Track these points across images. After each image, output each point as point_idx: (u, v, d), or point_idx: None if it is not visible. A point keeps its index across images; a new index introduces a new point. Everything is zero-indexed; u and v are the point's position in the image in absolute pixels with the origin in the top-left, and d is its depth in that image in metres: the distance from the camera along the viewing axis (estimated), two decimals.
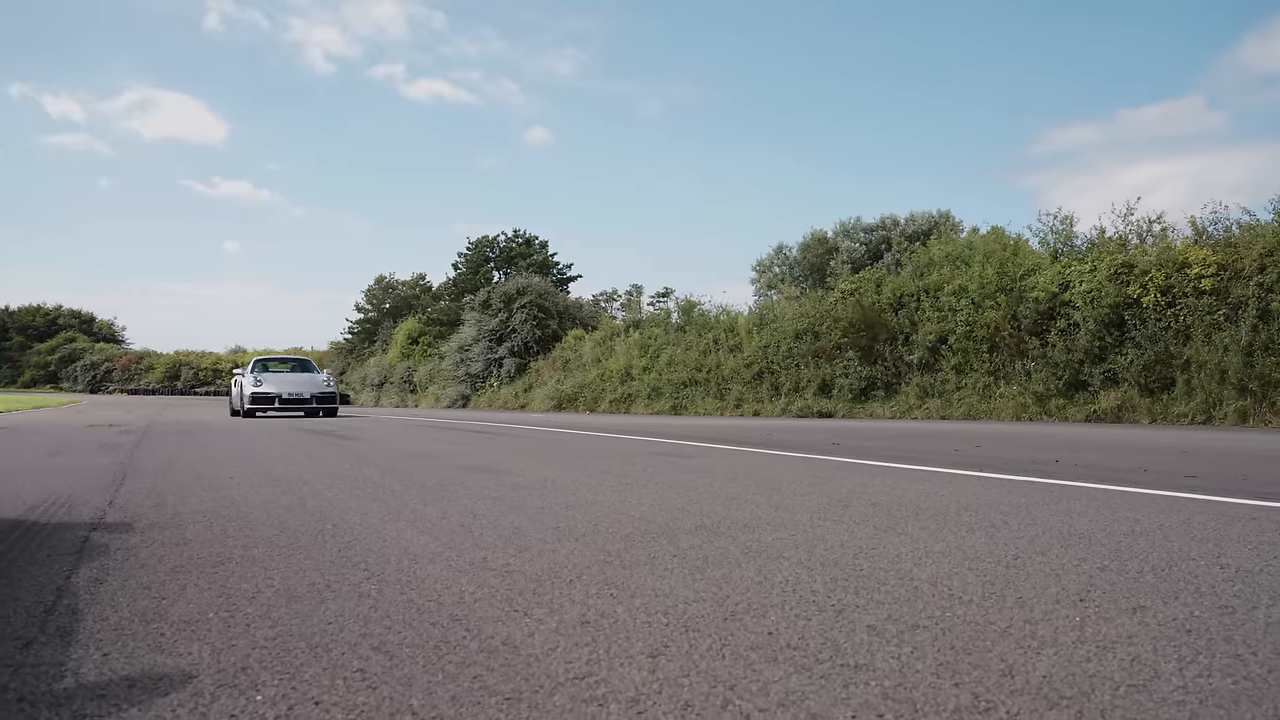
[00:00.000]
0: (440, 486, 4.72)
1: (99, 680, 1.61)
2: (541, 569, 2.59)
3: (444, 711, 1.45)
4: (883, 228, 40.91)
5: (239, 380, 20.34)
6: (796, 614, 2.06)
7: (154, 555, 2.82)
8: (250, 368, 21.28)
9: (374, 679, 1.61)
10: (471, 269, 49.72)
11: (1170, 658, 1.71)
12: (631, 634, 1.90)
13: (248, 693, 1.54)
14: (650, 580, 2.43)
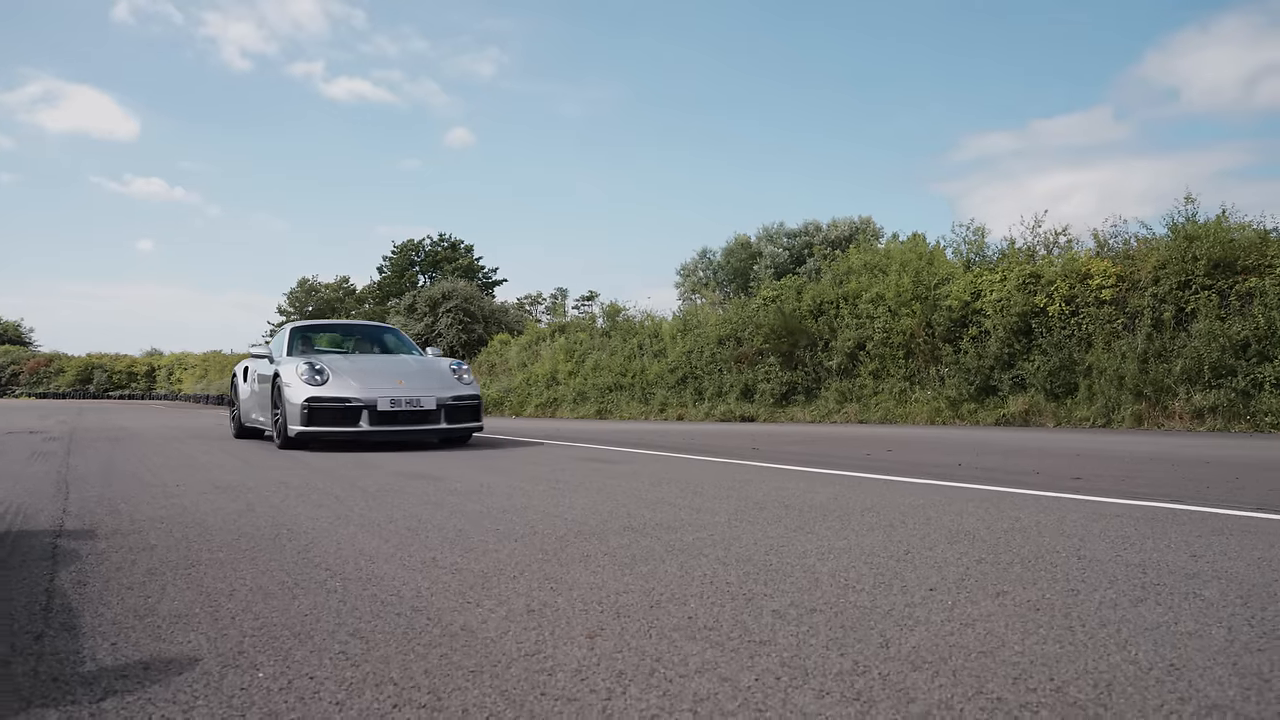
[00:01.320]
0: (382, 492, 4.97)
1: (116, 664, 1.88)
2: (487, 566, 2.89)
3: (420, 682, 1.75)
4: (805, 233, 41.74)
5: (262, 376, 9.88)
6: (713, 601, 2.39)
7: (125, 559, 3.05)
8: (283, 345, 10.11)
9: (356, 658, 1.90)
10: (397, 273, 49.43)
11: (1017, 631, 2.08)
12: (571, 620, 2.21)
13: (249, 671, 1.82)
14: (584, 575, 2.75)
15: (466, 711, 1.58)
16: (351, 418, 8.26)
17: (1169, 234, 14.89)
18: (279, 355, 9.83)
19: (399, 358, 10.08)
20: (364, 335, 11.61)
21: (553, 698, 1.66)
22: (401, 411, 8.36)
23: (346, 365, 9.02)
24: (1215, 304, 12.91)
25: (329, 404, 8.27)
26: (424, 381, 8.88)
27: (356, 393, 8.34)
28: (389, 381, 8.69)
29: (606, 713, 1.58)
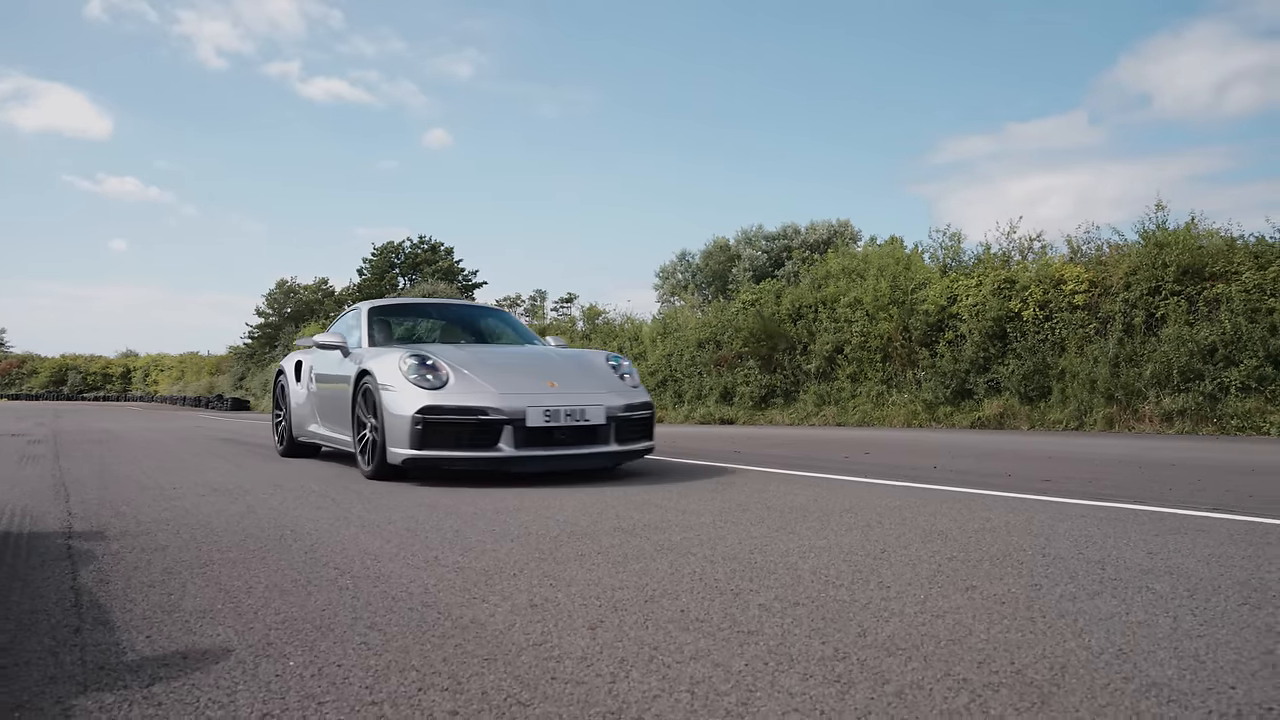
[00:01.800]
0: (379, 494, 5.11)
1: (155, 655, 2.03)
2: (488, 565, 3.05)
3: (440, 669, 1.91)
4: (784, 236, 41.96)
5: (330, 376, 7.28)
6: (703, 596, 2.57)
7: (141, 559, 3.20)
8: (361, 332, 7.29)
9: (377, 648, 2.06)
10: (376, 275, 49.42)
11: (983, 621, 2.26)
12: (572, 613, 2.38)
13: (280, 660, 1.98)
14: (580, 573, 2.92)
15: (486, 694, 1.75)
16: (487, 437, 5.40)
17: (1140, 241, 15.20)
18: (357, 344, 7.06)
19: (536, 349, 7.07)
20: (459, 319, 8.30)
21: (562, 681, 1.83)
22: (560, 428, 5.56)
23: (469, 359, 6.07)
24: (1184, 310, 13.21)
25: (455, 417, 5.40)
26: (582, 383, 6.04)
27: (494, 400, 5.48)
28: (534, 382, 5.83)
29: (613, 693, 1.75)
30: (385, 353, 6.07)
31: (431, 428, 5.42)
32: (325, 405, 7.30)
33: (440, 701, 1.71)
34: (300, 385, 7.98)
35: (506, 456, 5.42)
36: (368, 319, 7.33)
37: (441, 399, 5.48)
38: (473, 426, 5.42)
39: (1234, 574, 2.81)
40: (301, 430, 7.88)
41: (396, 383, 5.67)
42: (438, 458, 5.44)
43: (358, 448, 6.20)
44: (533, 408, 5.47)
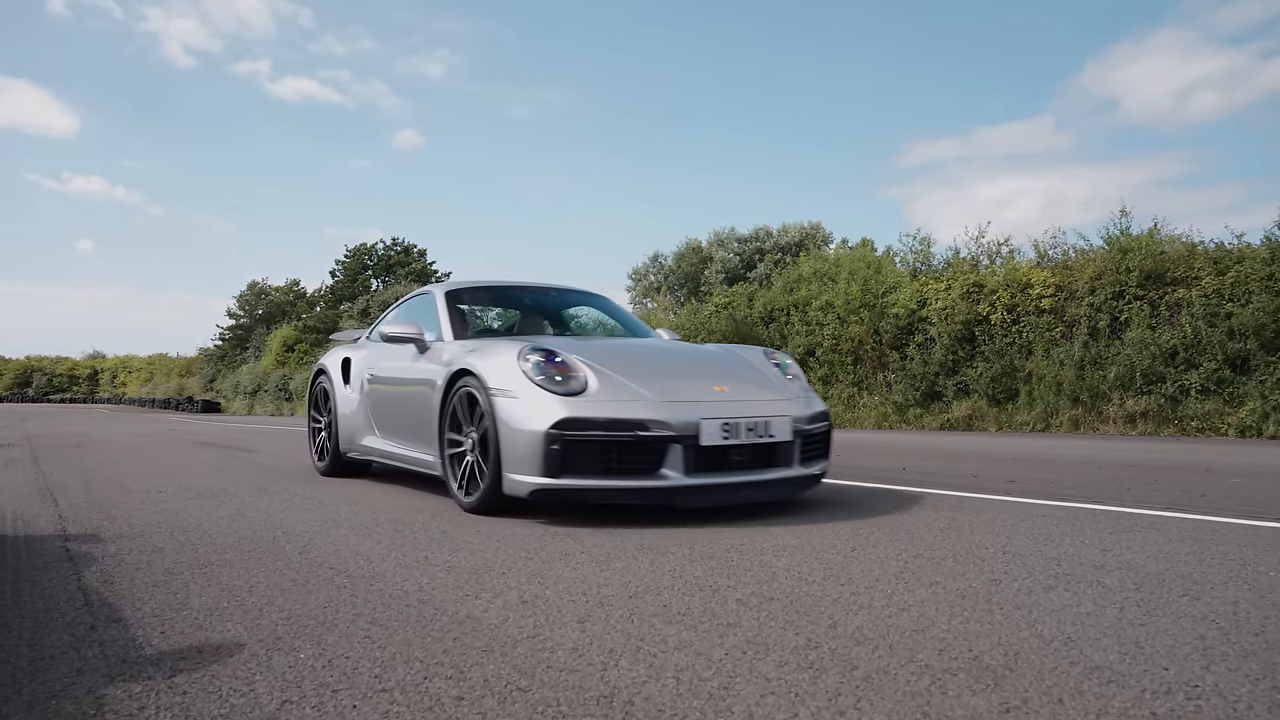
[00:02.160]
0: (363, 497, 5.24)
1: (172, 649, 2.16)
2: (477, 564, 3.19)
3: (442, 659, 2.06)
4: (756, 239, 42.19)
5: (402, 379, 5.61)
6: (683, 592, 2.73)
7: (140, 561, 3.31)
8: (441, 321, 5.64)
9: (380, 642, 2.20)
10: (349, 277, 49.31)
11: (945, 613, 2.44)
12: (562, 608, 2.53)
13: (291, 653, 2.12)
14: (566, 571, 3.07)
15: (487, 681, 1.90)
16: (647, 460, 4.05)
17: (1104, 246, 15.53)
18: (437, 335, 5.54)
19: (682, 344, 5.66)
20: (554, 307, 6.70)
21: (557, 669, 1.98)
22: (741, 446, 4.22)
23: (607, 356, 4.65)
24: (1147, 314, 13.53)
25: (605, 433, 4.03)
26: (755, 388, 4.70)
27: (655, 409, 4.10)
28: (699, 386, 4.48)
29: (605, 680, 1.90)
30: (491, 347, 4.65)
31: (572, 448, 4.00)
32: (389, 414, 5.76)
33: (445, 688, 1.85)
34: (349, 388, 6.37)
35: (674, 487, 4.01)
36: (446, 305, 5.71)
37: (585, 409, 4.06)
38: (628, 446, 4.01)
39: (1178, 568, 3.00)
40: (352, 444, 6.28)
41: (517, 387, 4.22)
42: (579, 488, 4.03)
43: (450, 471, 4.73)
44: (708, 420, 4.08)
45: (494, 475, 4.27)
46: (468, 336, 5.54)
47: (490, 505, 4.37)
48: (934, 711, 1.69)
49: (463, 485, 4.60)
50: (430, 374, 5.10)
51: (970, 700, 1.75)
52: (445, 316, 5.61)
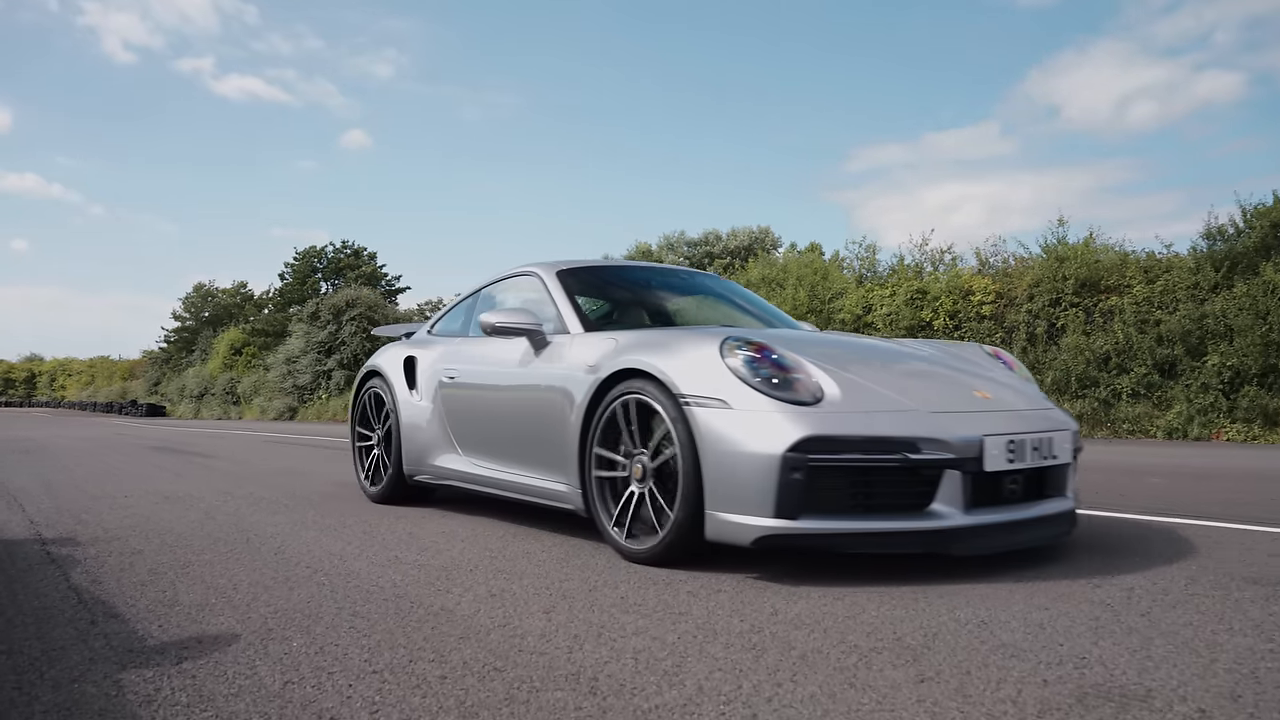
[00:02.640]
0: (328, 500, 5.41)
1: (173, 640, 2.36)
2: (445, 562, 3.41)
3: (424, 645, 2.28)
4: (706, 242, 42.47)
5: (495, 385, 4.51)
6: (638, 585, 2.97)
7: (123, 562, 3.48)
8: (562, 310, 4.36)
9: (365, 631, 2.42)
10: (299, 279, 48.95)
11: (875, 601, 2.70)
12: (528, 601, 2.77)
13: (285, 642, 2.33)
14: (529, 568, 3.30)
15: (466, 663, 2.13)
16: (915, 491, 3.05)
17: (1043, 254, 16.07)
18: (557, 327, 4.34)
19: (880, 340, 4.41)
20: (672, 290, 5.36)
21: (528, 653, 2.21)
22: (1015, 473, 3.23)
23: (817, 349, 3.58)
24: (1081, 320, 14.06)
25: (864, 457, 2.98)
26: (1014, 393, 3.71)
27: (925, 425, 3.10)
28: (955, 390, 3.52)
29: (571, 660, 2.14)
30: (670, 339, 3.56)
31: (820, 477, 2.96)
32: (484, 427, 4.61)
33: (430, 669, 2.08)
34: (416, 395, 5.15)
35: (951, 529, 3.00)
36: (563, 288, 4.52)
37: (833, 424, 3.02)
38: (892, 473, 3.02)
39: (1089, 561, 3.30)
40: (421, 465, 5.02)
41: (728, 392, 3.13)
42: (825, 533, 2.96)
43: (601, 507, 3.62)
44: (991, 437, 3.11)
45: (690, 515, 3.16)
46: (610, 326, 4.53)
47: (679, 554, 3.27)
48: (859, 682, 1.95)
49: (623, 525, 3.47)
50: (559, 376, 3.99)
51: (891, 673, 2.01)
52: (567, 302, 4.41)
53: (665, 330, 4.12)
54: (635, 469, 3.47)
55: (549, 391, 4.04)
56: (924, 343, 4.37)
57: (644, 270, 5.61)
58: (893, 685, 1.93)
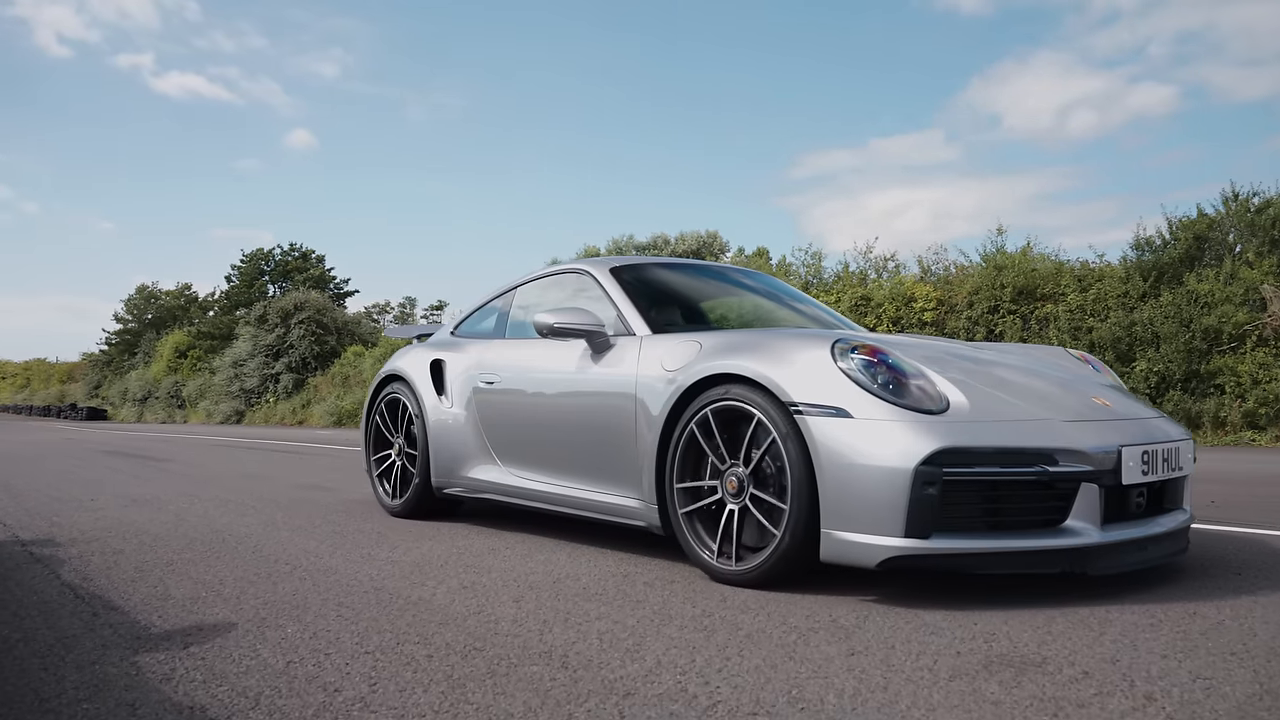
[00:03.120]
0: (294, 503, 5.60)
1: (175, 629, 2.58)
2: (416, 559, 3.65)
3: (408, 630, 2.52)
4: (654, 247, 42.68)
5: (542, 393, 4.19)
6: (599, 577, 3.23)
7: (107, 561, 3.67)
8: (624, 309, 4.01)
9: (351, 619, 2.65)
10: (246, 282, 48.49)
11: (816, 587, 2.99)
12: (498, 592, 3.02)
13: (279, 628, 2.55)
14: (496, 563, 3.55)
15: (449, 645, 2.37)
16: (1049, 506, 2.86)
17: (982, 263, 16.60)
18: (618, 329, 4.00)
19: (971, 344, 3.96)
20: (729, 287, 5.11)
21: (503, 635, 2.46)
22: (1143, 486, 3.04)
23: (925, 354, 3.30)
24: (1019, 327, 14.57)
25: (1000, 471, 2.77)
26: (1128, 400, 3.54)
27: (1061, 435, 2.90)
28: (1078, 398, 3.30)
29: (542, 641, 2.39)
30: (769, 342, 3.28)
31: (953, 492, 2.77)
32: (532, 436, 4.30)
33: (416, 650, 2.32)
34: (446, 401, 4.83)
35: (1089, 546, 2.82)
36: (619, 285, 4.21)
37: (967, 435, 2.82)
38: (1028, 488, 2.83)
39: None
40: (453, 476, 4.72)
41: (848, 401, 2.90)
42: (958, 553, 2.75)
43: (687, 525, 3.33)
44: (1128, 447, 2.95)
45: (803, 532, 2.92)
46: (682, 327, 4.20)
47: (786, 575, 3.02)
48: (798, 656, 2.23)
49: (714, 545, 3.20)
50: (626, 381, 3.71)
51: (826, 648, 2.30)
52: (628, 302, 4.08)
53: (759, 332, 3.72)
54: (729, 484, 3.20)
55: (615, 398, 3.73)
56: (1008, 346, 4.16)
57: (697, 268, 5.26)
58: (826, 658, 2.21)
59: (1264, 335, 11.82)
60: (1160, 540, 3.04)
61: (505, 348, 4.66)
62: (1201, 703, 1.85)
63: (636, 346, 3.75)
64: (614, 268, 4.34)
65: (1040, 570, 2.81)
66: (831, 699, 1.91)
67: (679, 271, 5.02)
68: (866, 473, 2.77)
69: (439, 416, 4.78)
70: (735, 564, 3.11)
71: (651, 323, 3.93)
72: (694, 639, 2.40)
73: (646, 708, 1.87)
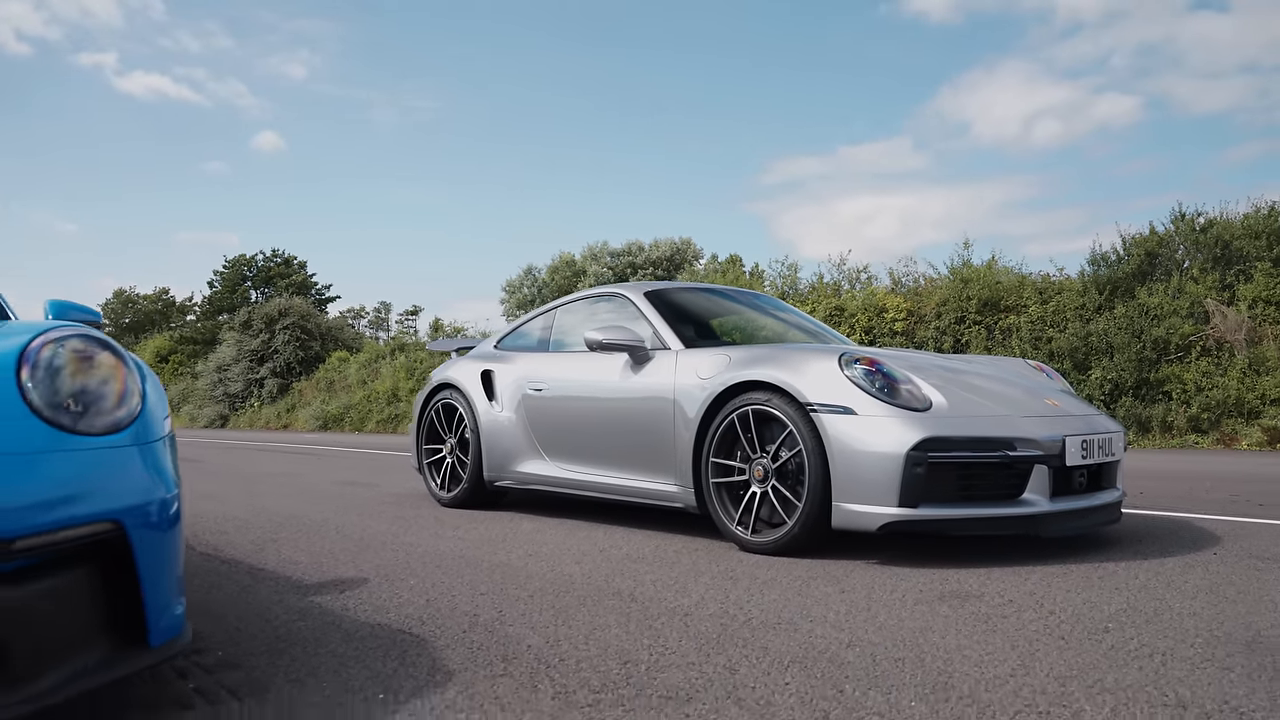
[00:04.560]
0: (344, 496, 6.34)
1: (321, 582, 3.33)
2: (478, 537, 4.41)
3: (504, 582, 3.29)
4: (629, 253, 42.83)
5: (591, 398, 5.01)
6: (637, 547, 4.02)
7: (219, 540, 4.41)
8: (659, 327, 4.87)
9: (455, 574, 3.42)
10: (228, 287, 48.92)
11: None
12: (560, 557, 3.79)
13: (403, 581, 3.32)
14: (548, 538, 4.32)
15: (541, 589, 3.15)
16: (1010, 483, 3.76)
17: (949, 275, 17.53)
18: (657, 341, 4.81)
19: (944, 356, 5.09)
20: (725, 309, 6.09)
21: (578, 583, 3.24)
22: (1082, 468, 3.94)
23: (910, 364, 4.14)
24: (984, 337, 15.49)
25: (969, 454, 3.68)
26: (1074, 400, 4.47)
27: (1019, 427, 3.81)
28: (1032, 399, 4.19)
29: (610, 586, 3.18)
30: (788, 356, 4.09)
31: (936, 471, 3.58)
32: (581, 435, 5.04)
33: (519, 591, 3.10)
34: (497, 406, 5.57)
35: (1039, 514, 3.66)
36: (653, 306, 5.03)
37: (946, 426, 3.65)
38: (992, 468, 3.66)
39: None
40: (504, 470, 5.46)
41: (853, 401, 3.70)
42: (937, 519, 3.58)
43: (721, 505, 4.14)
44: (1071, 437, 3.81)
45: (818, 506, 3.70)
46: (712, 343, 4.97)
47: (805, 543, 3.78)
48: (803, 592, 3.02)
49: (745, 522, 3.99)
50: (664, 387, 4.47)
51: (824, 588, 3.09)
52: (662, 321, 4.90)
53: (776, 347, 4.54)
54: (756, 471, 3.95)
55: (655, 402, 4.49)
56: (975, 358, 4.93)
57: (708, 290, 6.07)
58: (825, 594, 3.02)
59: (1207, 346, 12.79)
60: (1097, 511, 3.90)
61: (550, 360, 5.44)
62: (1085, 615, 2.68)
63: (673, 359, 4.53)
64: (647, 292, 5.17)
65: (1002, 532, 3.64)
66: (831, 616, 2.72)
67: (695, 294, 5.86)
68: (868, 457, 3.56)
69: (491, 419, 5.51)
70: (761, 536, 3.90)
71: (683, 338, 4.71)
72: (724, 584, 3.20)
73: (702, 622, 2.66)
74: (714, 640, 2.47)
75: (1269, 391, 11.79)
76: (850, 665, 2.23)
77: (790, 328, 5.74)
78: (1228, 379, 12.10)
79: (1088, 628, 2.55)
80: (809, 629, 2.58)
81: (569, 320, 5.66)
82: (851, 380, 3.73)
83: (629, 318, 5.07)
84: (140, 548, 1.83)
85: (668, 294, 5.33)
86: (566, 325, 5.63)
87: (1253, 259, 13.37)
